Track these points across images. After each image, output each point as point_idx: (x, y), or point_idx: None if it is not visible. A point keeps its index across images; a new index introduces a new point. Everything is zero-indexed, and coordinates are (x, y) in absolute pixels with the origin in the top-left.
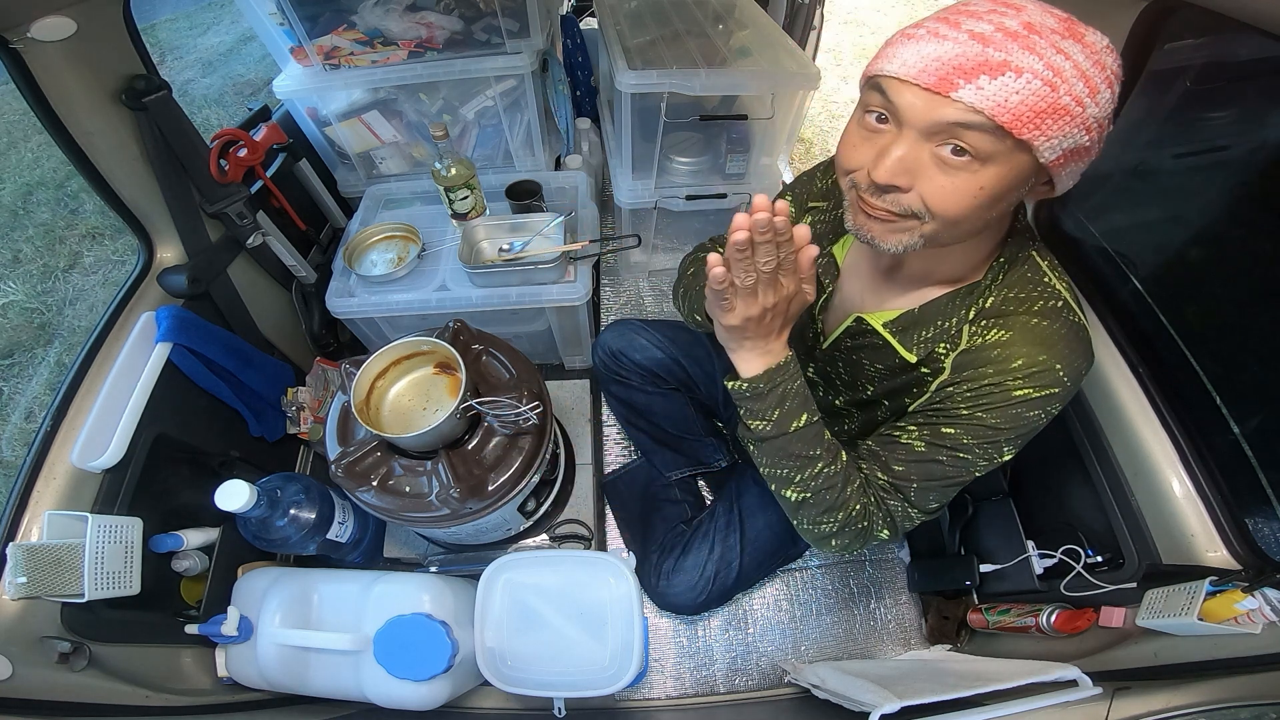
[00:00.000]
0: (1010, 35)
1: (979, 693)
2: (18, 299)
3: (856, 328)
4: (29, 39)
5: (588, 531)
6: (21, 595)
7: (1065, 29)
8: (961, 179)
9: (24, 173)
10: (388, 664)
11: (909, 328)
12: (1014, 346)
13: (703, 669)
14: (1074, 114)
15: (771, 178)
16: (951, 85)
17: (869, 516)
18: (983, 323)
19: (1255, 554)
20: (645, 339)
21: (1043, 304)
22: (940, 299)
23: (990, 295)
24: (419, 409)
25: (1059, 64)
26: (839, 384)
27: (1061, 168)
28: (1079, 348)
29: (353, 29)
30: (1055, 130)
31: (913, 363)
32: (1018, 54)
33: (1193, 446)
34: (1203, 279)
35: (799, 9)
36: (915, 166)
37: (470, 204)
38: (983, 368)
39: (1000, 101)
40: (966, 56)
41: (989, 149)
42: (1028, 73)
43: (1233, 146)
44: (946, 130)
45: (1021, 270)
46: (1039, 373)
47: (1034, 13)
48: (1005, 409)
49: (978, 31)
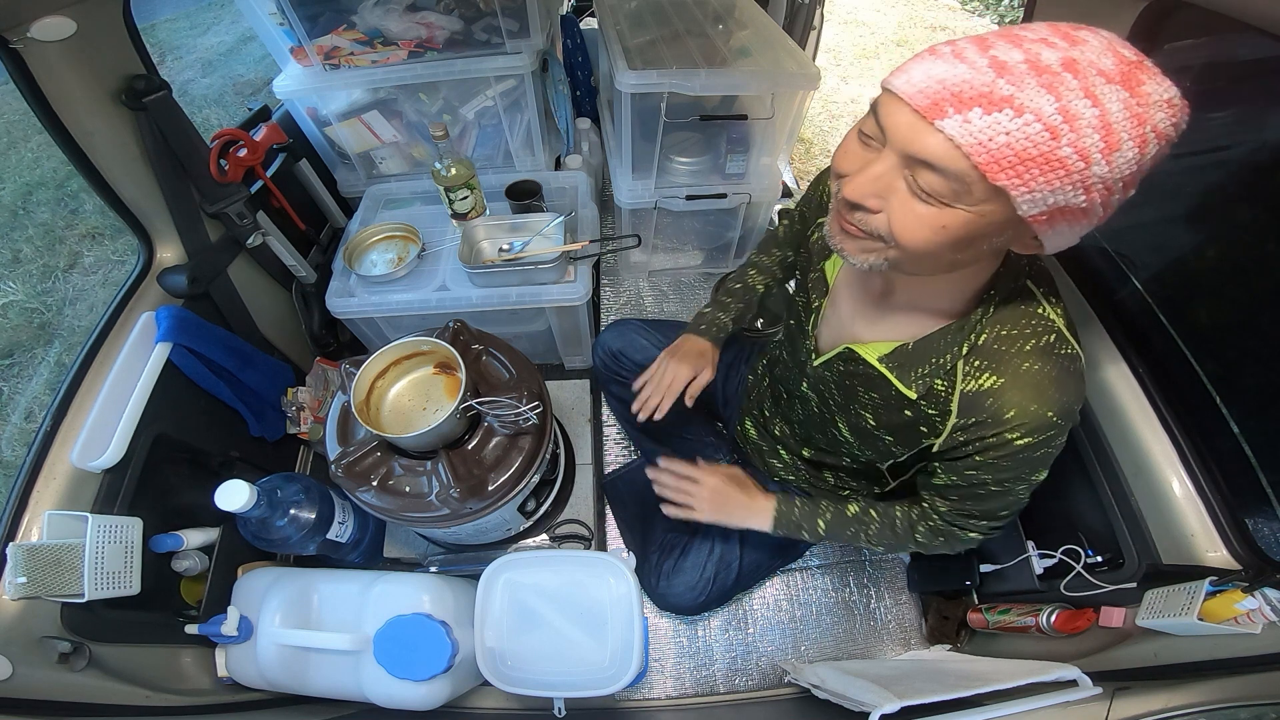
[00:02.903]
0: (1036, 70)
1: (979, 693)
2: (18, 299)
3: (848, 356)
4: (29, 39)
5: (588, 531)
6: (21, 595)
7: (1122, 73)
8: (928, 212)
9: (24, 173)
10: (388, 664)
11: (905, 364)
12: (1005, 395)
13: (703, 669)
14: (1071, 169)
15: (771, 177)
16: (940, 113)
17: (943, 533)
18: (975, 361)
19: (1255, 554)
20: (645, 339)
21: (1035, 342)
22: (933, 334)
23: (984, 331)
24: (419, 409)
25: (1079, 110)
26: (832, 405)
27: (1047, 226)
28: (1070, 384)
29: (353, 29)
30: (1041, 183)
31: (913, 398)
32: (1031, 92)
33: (1193, 446)
34: (1203, 279)
35: (799, 9)
36: (887, 190)
37: (470, 204)
38: (981, 418)
39: (982, 140)
40: (971, 85)
41: (944, 191)
42: (1030, 113)
43: (1233, 146)
44: (915, 163)
45: (1014, 304)
46: (1032, 424)
47: (1091, 49)
48: (1012, 455)
49: (1001, 59)
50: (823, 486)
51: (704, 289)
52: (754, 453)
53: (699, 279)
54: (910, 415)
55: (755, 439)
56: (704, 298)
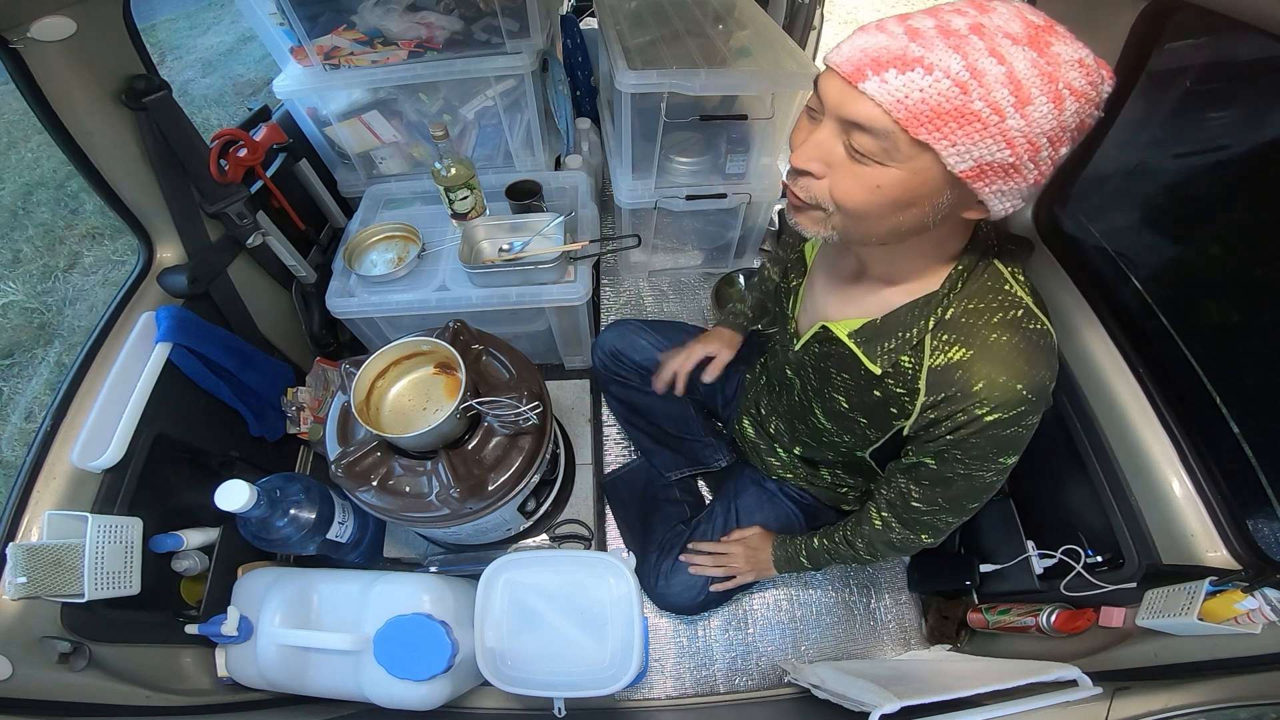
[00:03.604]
0: (945, 33)
1: (979, 693)
2: (18, 299)
3: (824, 335)
4: (29, 39)
5: (588, 531)
6: (21, 595)
7: (1029, 35)
8: (863, 172)
9: (24, 173)
10: (388, 664)
11: (872, 338)
12: (974, 367)
13: (703, 669)
14: (987, 122)
15: (771, 177)
16: (862, 76)
17: (904, 536)
18: (943, 336)
19: (1255, 554)
20: (645, 339)
21: (1001, 315)
22: (901, 309)
23: (951, 305)
24: (419, 409)
25: (985, 67)
26: (809, 390)
27: (984, 185)
28: (1040, 358)
29: (353, 29)
30: (960, 135)
31: (878, 374)
32: (939, 52)
33: (1193, 446)
34: (1203, 279)
35: (799, 9)
36: (829, 156)
37: (470, 204)
38: (950, 393)
39: (900, 98)
40: (888, 49)
41: (875, 150)
42: (939, 70)
43: (1233, 146)
44: (848, 126)
45: (981, 280)
46: (1001, 397)
47: (1001, 16)
48: (982, 433)
49: (915, 27)
50: (819, 484)
51: (704, 289)
52: (751, 451)
53: (699, 279)
54: (879, 395)
55: (753, 437)
56: (704, 298)
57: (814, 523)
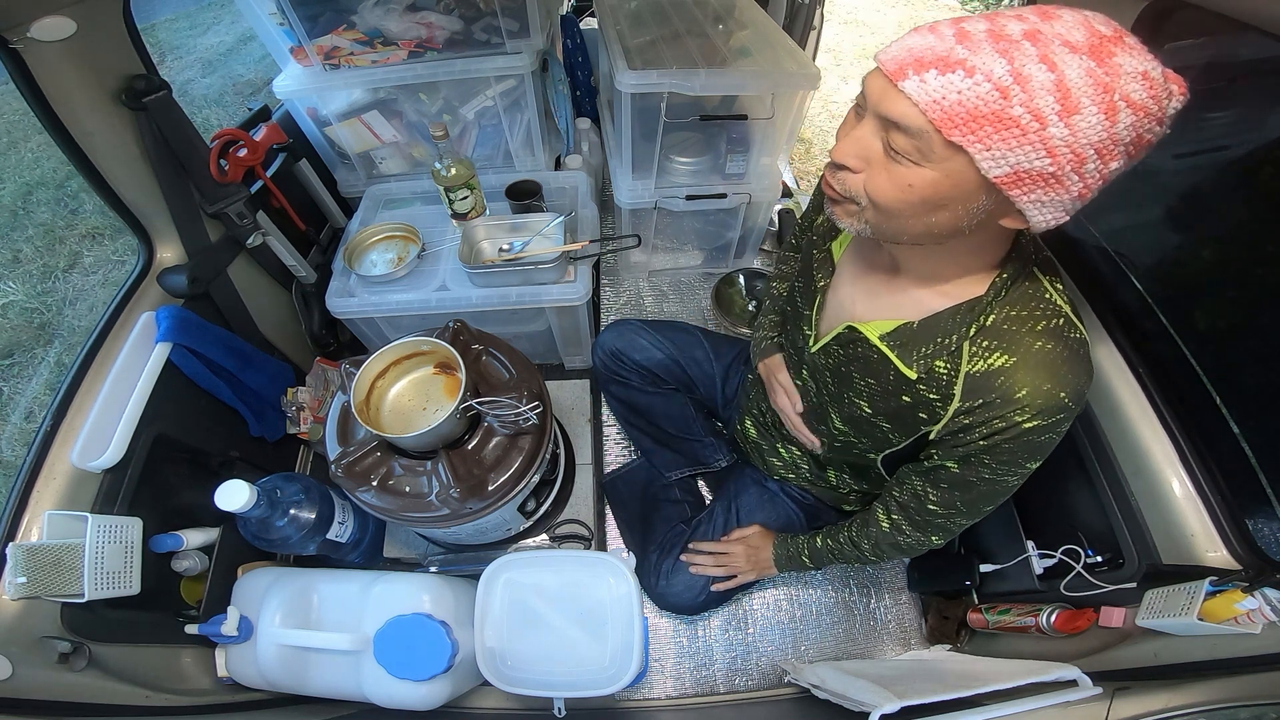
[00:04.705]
0: (995, 38)
1: (979, 693)
2: (18, 299)
3: (848, 336)
4: (29, 39)
5: (588, 531)
6: (21, 595)
7: (1091, 44)
8: (898, 170)
9: (24, 173)
10: (388, 664)
11: (908, 342)
12: (1018, 375)
13: (703, 669)
14: (1026, 129)
15: (771, 177)
16: (903, 75)
17: (914, 538)
18: (984, 342)
19: (1255, 554)
20: (645, 339)
21: (1045, 324)
22: (942, 314)
23: (992, 312)
24: (419, 409)
25: (1031, 73)
26: (826, 395)
27: (1021, 193)
28: (1080, 367)
29: (353, 29)
30: (995, 140)
31: (912, 379)
32: (984, 56)
33: (1193, 446)
34: (1203, 279)
35: (799, 9)
36: (868, 152)
37: (470, 204)
38: (990, 399)
39: (936, 98)
40: (933, 50)
41: (910, 149)
42: (980, 74)
43: (1233, 147)
44: (887, 124)
45: (1023, 287)
46: (1044, 404)
47: (1064, 24)
48: (1016, 438)
49: (967, 30)
50: (822, 485)
51: (704, 289)
52: (753, 451)
53: (699, 279)
54: (908, 400)
55: (755, 438)
56: (704, 298)
57: (815, 522)
